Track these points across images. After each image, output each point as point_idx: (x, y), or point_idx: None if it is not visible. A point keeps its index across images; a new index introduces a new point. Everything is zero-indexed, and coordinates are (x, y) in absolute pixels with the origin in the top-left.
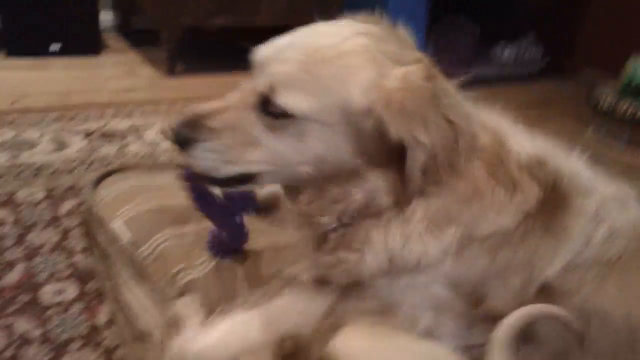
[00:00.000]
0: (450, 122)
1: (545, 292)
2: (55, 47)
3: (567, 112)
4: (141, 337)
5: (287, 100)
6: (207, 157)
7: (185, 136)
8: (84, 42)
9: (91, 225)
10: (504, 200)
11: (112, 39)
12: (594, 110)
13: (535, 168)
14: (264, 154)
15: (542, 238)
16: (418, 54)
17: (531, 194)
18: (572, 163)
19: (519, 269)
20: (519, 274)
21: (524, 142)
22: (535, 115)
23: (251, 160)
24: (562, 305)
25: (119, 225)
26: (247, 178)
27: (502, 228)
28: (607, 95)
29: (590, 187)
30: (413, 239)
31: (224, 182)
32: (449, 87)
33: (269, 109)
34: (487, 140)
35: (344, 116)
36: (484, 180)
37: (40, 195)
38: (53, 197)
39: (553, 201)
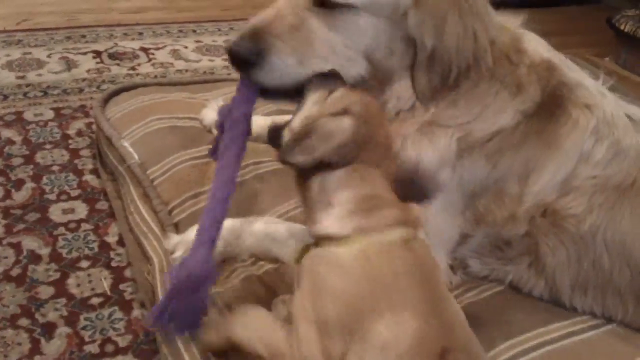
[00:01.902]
0: (467, 28)
1: (550, 216)
2: None
3: (588, 39)
4: (147, 259)
5: None
6: (280, 63)
7: (252, 49)
8: None
9: (100, 144)
10: (505, 101)
11: None
12: (615, 36)
13: (545, 71)
14: (323, 48)
15: (536, 143)
16: None
17: (532, 96)
18: (582, 76)
19: (516, 176)
20: (516, 182)
21: (539, 47)
22: (555, 43)
23: (316, 56)
24: (572, 232)
25: (127, 145)
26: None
27: (501, 128)
28: (628, 20)
29: (595, 102)
30: (408, 142)
31: (295, 92)
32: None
33: (328, 2)
34: (505, 40)
35: (392, 11)
36: (488, 83)
37: (49, 114)
38: (62, 116)
39: (550, 107)
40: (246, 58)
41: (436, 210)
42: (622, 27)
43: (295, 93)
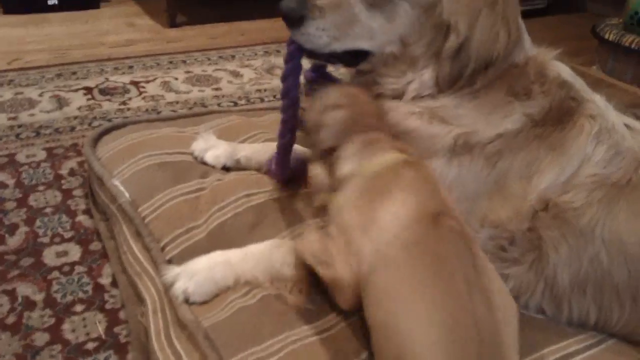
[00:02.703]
0: (493, 27)
1: (552, 210)
2: (52, 2)
3: (575, 47)
4: (140, 300)
5: None
6: (316, 34)
7: (296, 11)
8: None
9: (92, 184)
10: (513, 108)
11: None
12: (600, 45)
13: (557, 87)
14: (361, 30)
15: (540, 146)
16: None
17: (540, 103)
18: (593, 95)
19: (518, 176)
20: (518, 182)
21: (562, 71)
22: None
23: (353, 35)
24: (573, 224)
25: (118, 184)
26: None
27: (504, 131)
28: (612, 29)
29: (599, 113)
30: (410, 119)
31: (328, 57)
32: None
33: None
34: (530, 64)
35: (430, 2)
36: (502, 93)
37: (42, 155)
38: (54, 156)
39: (558, 116)
40: (288, 17)
41: None
42: (606, 36)
43: (329, 56)
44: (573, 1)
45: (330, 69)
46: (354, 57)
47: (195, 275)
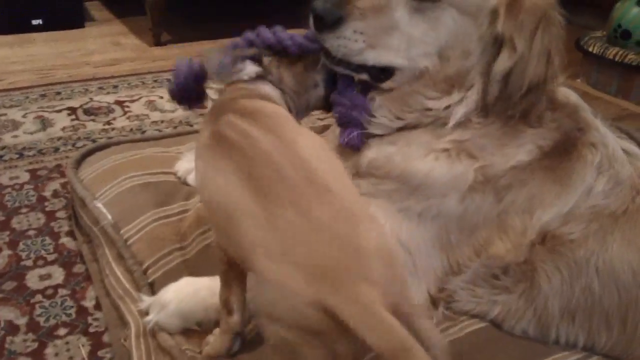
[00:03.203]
0: (546, 47)
1: (549, 242)
2: (37, 22)
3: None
4: (124, 323)
5: None
6: (353, 37)
7: (334, 12)
8: (67, 15)
9: (75, 206)
10: (526, 137)
11: (96, 10)
12: (584, 58)
13: (566, 117)
14: (400, 40)
15: (545, 180)
16: None
17: (551, 134)
18: (597, 121)
19: (520, 210)
20: (520, 216)
21: (570, 96)
22: None
23: (389, 46)
24: (568, 257)
25: (100, 206)
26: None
27: (517, 163)
28: (596, 42)
29: (601, 140)
30: (431, 155)
31: (356, 67)
32: (563, 27)
33: None
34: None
35: (479, 9)
36: (520, 120)
37: (25, 177)
38: (38, 177)
39: (564, 146)
40: (324, 18)
41: (427, 239)
42: (590, 49)
43: (358, 67)
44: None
45: None
46: (381, 72)
47: (165, 308)
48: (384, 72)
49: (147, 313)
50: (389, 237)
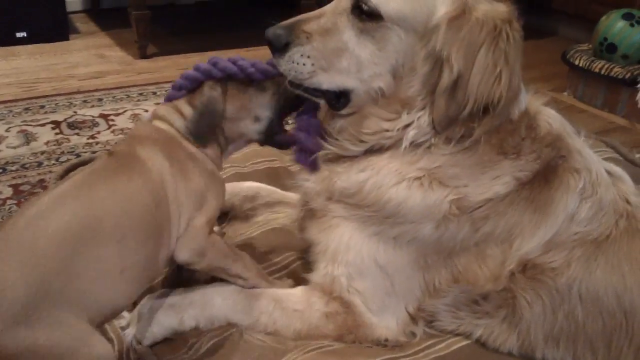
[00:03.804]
0: (495, 66)
1: (529, 271)
2: (21, 34)
3: (546, 72)
4: (108, 340)
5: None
6: (300, 61)
7: (281, 37)
8: (52, 27)
9: None
10: (503, 168)
11: (81, 22)
12: (570, 71)
13: (546, 147)
14: (349, 62)
15: (525, 210)
16: (510, 7)
17: (530, 166)
18: (581, 144)
19: (499, 240)
20: (499, 246)
21: (553, 122)
22: None
23: (340, 69)
24: (549, 285)
25: None
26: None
27: (494, 195)
28: (582, 55)
29: (584, 166)
30: (403, 183)
31: (312, 91)
32: (518, 43)
33: (362, 8)
34: (521, 116)
35: (424, 27)
36: (494, 150)
37: (8, 192)
38: (20, 193)
39: (545, 175)
40: (273, 43)
41: (404, 262)
42: (576, 62)
43: (314, 90)
44: (545, 26)
45: None
46: (336, 99)
47: (141, 319)
48: (342, 97)
49: (124, 329)
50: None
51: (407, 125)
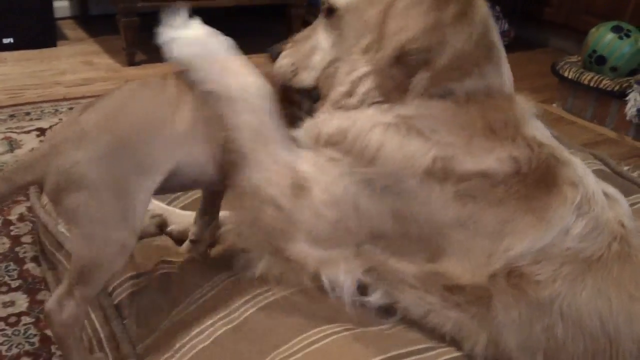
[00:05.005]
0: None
1: (513, 278)
2: (7, 40)
3: (536, 84)
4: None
5: None
6: (285, 64)
7: (277, 48)
8: (39, 34)
9: (39, 232)
10: (494, 142)
11: (69, 29)
12: (560, 83)
13: (537, 145)
14: (320, 57)
15: (520, 208)
16: None
17: (525, 151)
18: (570, 156)
19: (489, 229)
20: (487, 238)
21: (538, 133)
22: None
23: (313, 65)
24: (530, 295)
25: (64, 231)
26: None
27: (486, 170)
28: (571, 66)
29: (580, 180)
30: (378, 128)
31: (303, 92)
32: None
33: (327, 8)
34: (508, 108)
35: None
36: (485, 119)
37: None
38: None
39: (543, 176)
40: (272, 55)
41: (382, 210)
42: (566, 74)
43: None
44: (535, 37)
45: None
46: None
47: None
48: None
49: None
50: None
51: (360, 78)
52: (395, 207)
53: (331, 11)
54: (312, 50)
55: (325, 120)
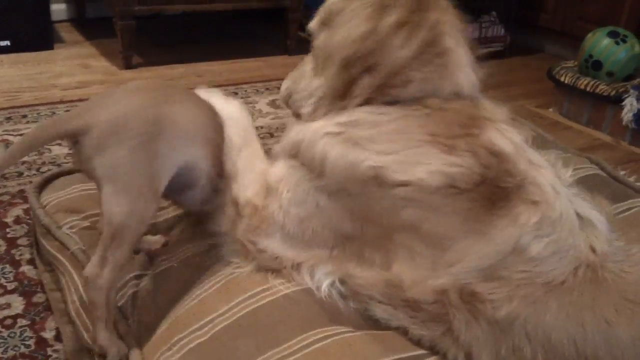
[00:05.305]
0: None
1: (468, 295)
2: (4, 43)
3: (532, 89)
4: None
5: (310, 24)
6: (282, 87)
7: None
8: (36, 36)
9: (36, 234)
10: (431, 153)
11: (66, 31)
12: (556, 88)
13: (490, 156)
14: (305, 83)
15: (460, 224)
16: None
17: (467, 166)
18: (539, 171)
19: (427, 240)
20: (428, 247)
21: (499, 138)
22: (499, 95)
23: (300, 89)
24: (487, 314)
25: (68, 232)
26: None
27: (420, 180)
28: (567, 72)
29: (545, 199)
30: (323, 140)
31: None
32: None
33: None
34: (466, 106)
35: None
36: (426, 126)
37: None
38: (0, 203)
39: (491, 196)
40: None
41: (338, 212)
42: (562, 79)
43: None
44: (531, 43)
45: None
46: None
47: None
48: None
49: None
50: None
51: (312, 91)
52: (350, 206)
53: (311, 36)
54: (301, 75)
55: (289, 133)
